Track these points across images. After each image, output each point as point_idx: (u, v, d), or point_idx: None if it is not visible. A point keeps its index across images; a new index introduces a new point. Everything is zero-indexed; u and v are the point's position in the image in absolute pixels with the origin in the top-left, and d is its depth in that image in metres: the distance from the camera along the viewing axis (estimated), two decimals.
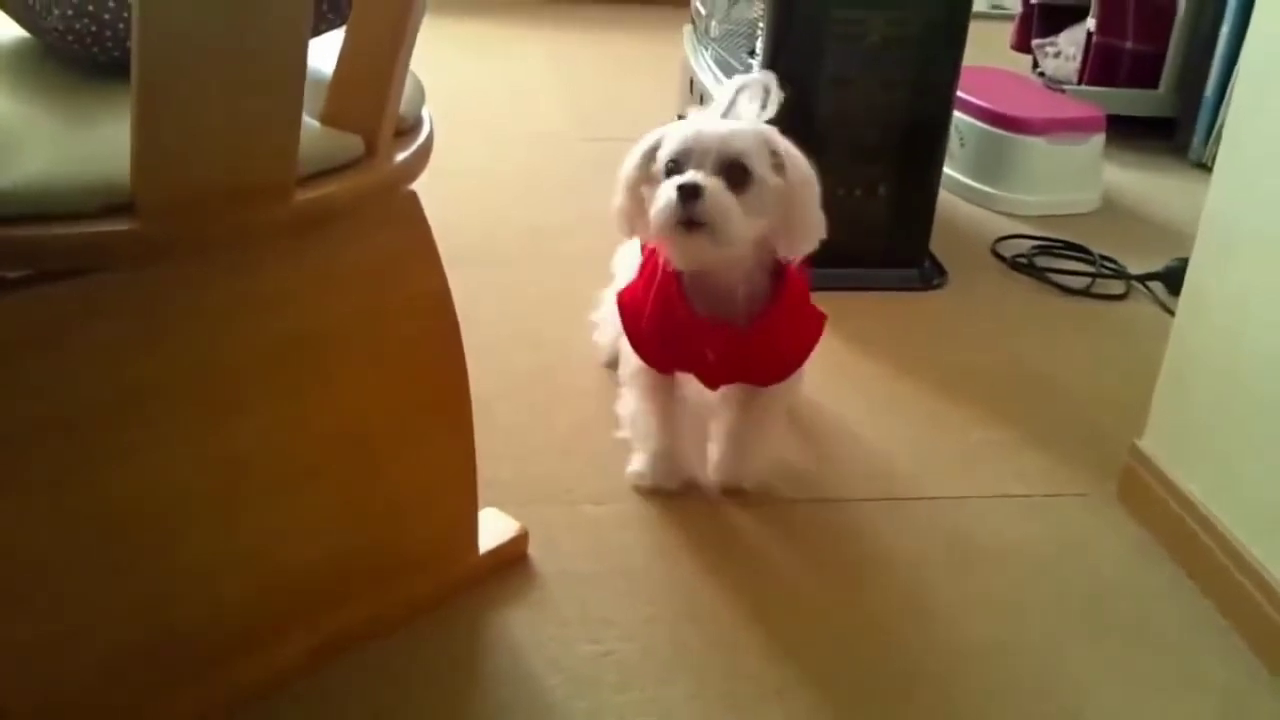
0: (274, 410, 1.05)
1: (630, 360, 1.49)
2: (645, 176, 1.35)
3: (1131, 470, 1.53)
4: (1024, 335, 2.02)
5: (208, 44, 0.84)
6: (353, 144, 1.01)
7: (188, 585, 1.04)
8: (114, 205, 0.87)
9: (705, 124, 1.33)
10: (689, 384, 1.52)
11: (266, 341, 1.03)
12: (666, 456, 1.50)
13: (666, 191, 1.27)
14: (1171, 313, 1.53)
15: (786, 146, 1.34)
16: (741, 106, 1.42)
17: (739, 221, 1.28)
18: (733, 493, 1.51)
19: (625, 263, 1.64)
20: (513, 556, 1.34)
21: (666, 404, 1.50)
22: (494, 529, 1.34)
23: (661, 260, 1.39)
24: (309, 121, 1.00)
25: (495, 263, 2.13)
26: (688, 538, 1.42)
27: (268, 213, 0.95)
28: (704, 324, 1.39)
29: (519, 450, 1.56)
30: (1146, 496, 1.49)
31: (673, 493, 1.49)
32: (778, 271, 1.40)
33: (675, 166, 1.31)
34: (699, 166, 1.29)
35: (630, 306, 1.46)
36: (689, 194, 1.26)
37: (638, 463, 1.51)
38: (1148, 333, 2.00)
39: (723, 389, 1.51)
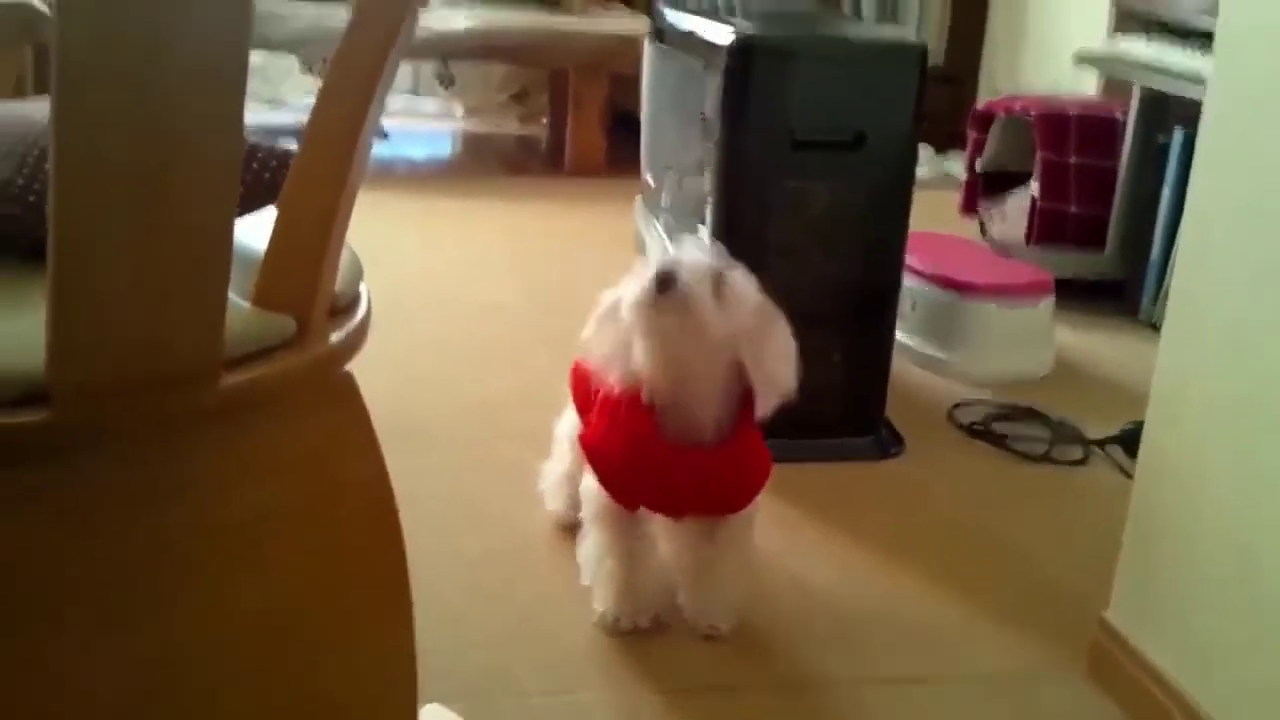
0: (198, 608, 0.99)
1: (594, 499, 1.48)
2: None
3: (1099, 644, 1.48)
4: (984, 504, 1.98)
5: (126, 225, 0.81)
6: (284, 324, 0.98)
7: None
8: (28, 395, 0.83)
9: (684, 254, 1.40)
10: (652, 521, 1.52)
11: (189, 535, 0.97)
12: (635, 592, 1.49)
13: (641, 280, 1.34)
14: (1131, 476, 1.50)
15: (756, 290, 1.41)
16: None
17: (712, 308, 1.32)
18: (711, 635, 1.50)
19: (568, 428, 1.66)
20: None
21: (631, 541, 1.50)
22: None
23: (620, 393, 1.42)
24: (238, 301, 0.97)
25: (443, 438, 2.08)
26: None
27: (192, 399, 0.91)
28: (677, 449, 1.41)
29: (466, 639, 1.49)
30: (1116, 672, 1.44)
31: (644, 630, 1.49)
32: (743, 398, 1.45)
33: None
34: None
35: (597, 448, 1.46)
36: (665, 281, 1.32)
37: (603, 603, 1.49)
38: (1109, 498, 1.97)
39: (683, 526, 1.52)
